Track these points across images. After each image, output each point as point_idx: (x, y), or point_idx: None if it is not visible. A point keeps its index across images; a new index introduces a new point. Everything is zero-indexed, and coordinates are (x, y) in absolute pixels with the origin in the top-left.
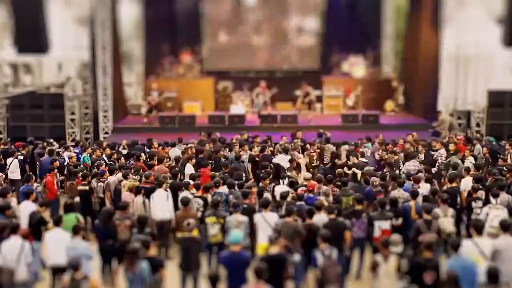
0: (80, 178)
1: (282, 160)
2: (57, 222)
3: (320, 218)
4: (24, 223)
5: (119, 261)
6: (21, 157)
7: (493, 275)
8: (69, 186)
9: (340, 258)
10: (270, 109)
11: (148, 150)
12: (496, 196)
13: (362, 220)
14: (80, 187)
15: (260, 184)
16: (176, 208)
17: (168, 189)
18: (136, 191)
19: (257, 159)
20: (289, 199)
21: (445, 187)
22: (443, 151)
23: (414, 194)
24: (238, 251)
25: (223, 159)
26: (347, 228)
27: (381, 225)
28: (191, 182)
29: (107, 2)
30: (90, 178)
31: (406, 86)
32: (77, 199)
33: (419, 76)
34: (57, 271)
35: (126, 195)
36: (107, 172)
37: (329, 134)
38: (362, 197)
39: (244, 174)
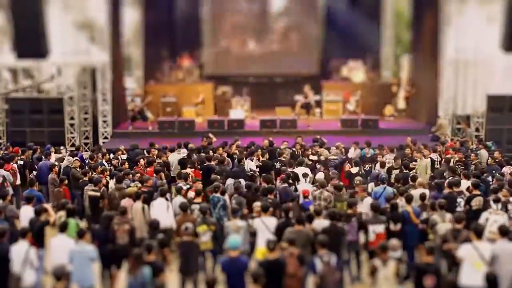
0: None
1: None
2: (62, 228)
3: (320, 224)
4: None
5: (118, 266)
6: (21, 162)
7: (491, 281)
8: (55, 193)
9: (339, 264)
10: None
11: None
12: (497, 201)
13: (352, 224)
14: (90, 193)
15: None
16: None
17: (169, 198)
18: (135, 196)
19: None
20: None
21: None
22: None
23: (408, 199)
24: (237, 256)
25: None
26: (345, 234)
27: (375, 229)
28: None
29: (107, 6)
30: (101, 184)
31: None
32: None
33: (419, 81)
34: None
35: (125, 201)
36: (104, 178)
37: (326, 140)
38: (355, 201)
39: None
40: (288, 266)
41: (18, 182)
